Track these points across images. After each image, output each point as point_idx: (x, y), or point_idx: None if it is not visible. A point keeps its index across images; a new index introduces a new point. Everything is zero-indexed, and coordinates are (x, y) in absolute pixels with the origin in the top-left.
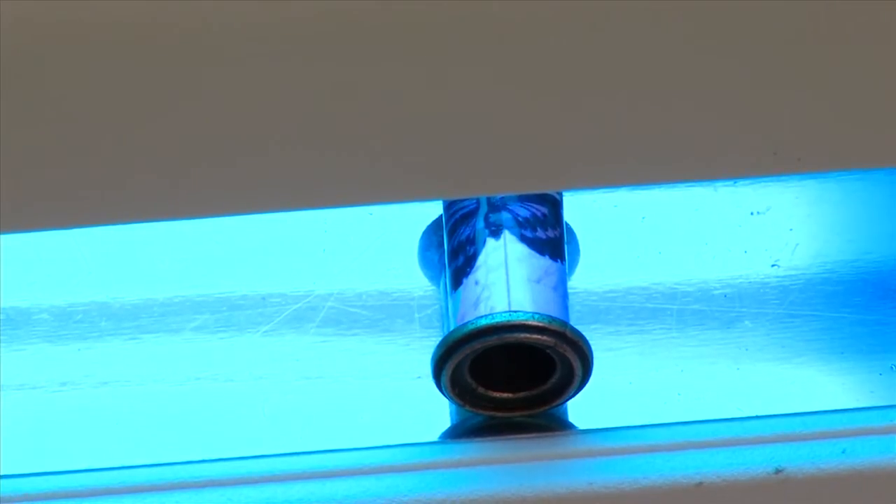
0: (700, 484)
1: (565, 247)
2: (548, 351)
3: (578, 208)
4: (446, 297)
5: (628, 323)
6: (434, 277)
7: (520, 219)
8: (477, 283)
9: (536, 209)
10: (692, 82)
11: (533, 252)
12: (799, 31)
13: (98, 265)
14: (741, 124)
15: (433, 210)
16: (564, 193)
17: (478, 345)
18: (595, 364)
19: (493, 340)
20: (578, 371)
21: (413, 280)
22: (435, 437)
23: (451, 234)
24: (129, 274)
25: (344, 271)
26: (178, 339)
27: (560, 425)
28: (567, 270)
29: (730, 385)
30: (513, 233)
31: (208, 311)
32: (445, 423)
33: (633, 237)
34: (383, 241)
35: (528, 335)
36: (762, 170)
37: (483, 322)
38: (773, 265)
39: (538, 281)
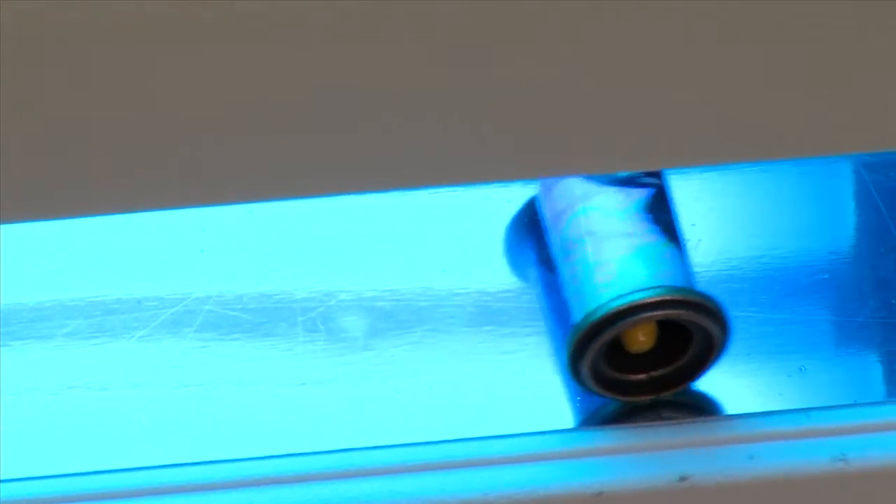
0: (600, 494)
1: None
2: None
3: (470, 203)
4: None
5: (524, 324)
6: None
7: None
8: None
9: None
10: (589, 73)
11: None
12: (687, 20)
13: None
14: (639, 115)
15: (313, 205)
16: None
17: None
18: (489, 367)
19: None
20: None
21: (296, 281)
22: (318, 447)
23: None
24: None
25: (223, 272)
26: (49, 346)
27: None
28: None
29: None
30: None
31: (81, 316)
32: (331, 431)
33: None
34: (264, 240)
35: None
36: (664, 162)
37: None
38: None
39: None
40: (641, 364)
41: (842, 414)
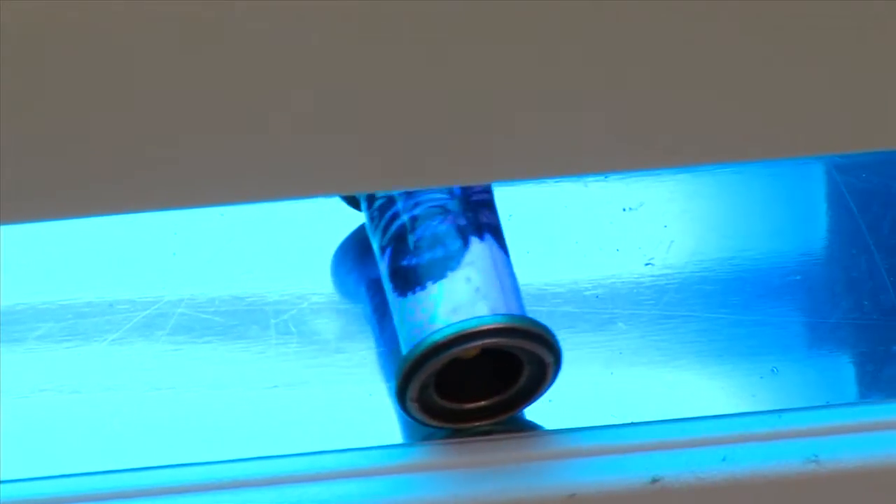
0: (573, 495)
1: None
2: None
3: None
4: (398, 291)
5: None
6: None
7: (493, 225)
8: (469, 279)
9: (497, 219)
10: (563, 76)
11: (508, 260)
12: (666, 24)
13: None
14: (609, 116)
15: (283, 209)
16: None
17: (484, 342)
18: None
19: (493, 342)
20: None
21: (268, 284)
22: (290, 449)
23: (407, 229)
24: None
25: (195, 275)
26: (20, 349)
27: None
28: None
29: (603, 390)
30: (493, 237)
31: (52, 319)
32: (303, 433)
33: None
34: (236, 243)
35: (521, 342)
36: (636, 164)
37: (500, 320)
38: (647, 264)
39: (517, 290)
40: (473, 393)
41: (814, 415)
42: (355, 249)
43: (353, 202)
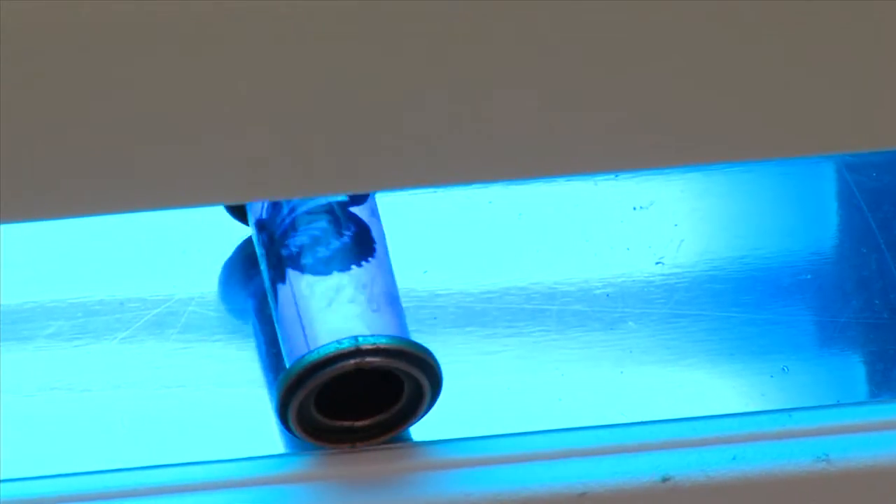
0: (583, 494)
1: (372, 237)
2: (363, 373)
3: (452, 204)
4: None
5: (506, 325)
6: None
7: (294, 250)
8: (283, 339)
9: (311, 228)
10: (567, 73)
11: (317, 277)
12: (669, 20)
13: None
14: (618, 114)
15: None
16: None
17: (301, 394)
18: (472, 368)
19: (307, 388)
20: (424, 380)
21: None
22: (302, 448)
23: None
24: None
25: (206, 274)
26: (31, 347)
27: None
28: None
29: (613, 389)
30: (294, 269)
31: (63, 318)
32: None
33: (509, 235)
34: (245, 241)
35: (329, 370)
36: (643, 163)
37: (289, 376)
38: (657, 262)
39: (329, 305)
40: (353, 411)
41: (825, 414)
42: None
43: (239, 216)
